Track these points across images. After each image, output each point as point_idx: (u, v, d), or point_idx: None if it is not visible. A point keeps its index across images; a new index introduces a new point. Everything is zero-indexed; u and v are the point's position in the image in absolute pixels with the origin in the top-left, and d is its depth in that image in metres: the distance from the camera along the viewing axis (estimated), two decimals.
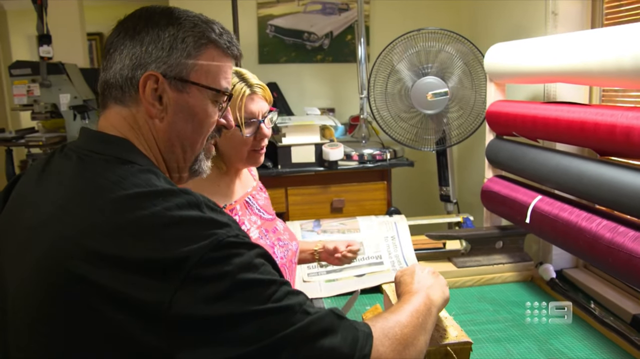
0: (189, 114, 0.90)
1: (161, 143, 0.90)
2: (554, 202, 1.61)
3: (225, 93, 0.93)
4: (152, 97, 0.86)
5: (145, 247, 0.71)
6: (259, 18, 3.04)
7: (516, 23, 2.37)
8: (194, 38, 0.88)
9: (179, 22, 0.88)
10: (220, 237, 0.73)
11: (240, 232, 0.78)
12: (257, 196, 1.52)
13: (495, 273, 1.97)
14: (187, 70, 0.88)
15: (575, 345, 1.49)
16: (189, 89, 0.88)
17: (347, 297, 1.88)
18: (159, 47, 0.86)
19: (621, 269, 1.27)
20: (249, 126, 1.37)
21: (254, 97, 1.38)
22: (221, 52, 0.92)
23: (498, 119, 1.97)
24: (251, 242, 0.78)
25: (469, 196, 2.87)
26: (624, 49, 1.25)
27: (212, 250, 0.72)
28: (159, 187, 0.78)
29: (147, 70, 0.85)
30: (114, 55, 0.88)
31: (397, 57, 2.32)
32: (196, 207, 0.76)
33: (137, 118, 0.88)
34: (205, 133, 0.94)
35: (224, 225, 0.76)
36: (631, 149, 1.26)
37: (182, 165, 0.94)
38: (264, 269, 0.77)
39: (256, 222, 1.45)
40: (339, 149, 2.36)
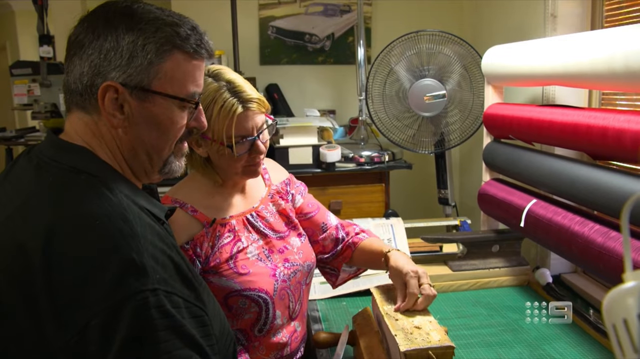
0: (153, 123, 0.86)
1: (125, 151, 0.87)
2: (548, 206, 1.59)
3: (191, 101, 0.89)
4: (113, 107, 0.83)
5: (64, 277, 0.71)
6: (261, 19, 3.04)
7: (515, 25, 2.35)
8: (156, 45, 0.83)
9: (139, 28, 0.82)
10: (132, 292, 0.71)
11: (161, 286, 0.74)
12: (265, 211, 1.38)
13: (491, 277, 1.96)
14: (149, 79, 0.83)
15: (568, 351, 1.47)
16: (152, 98, 0.84)
17: (340, 300, 1.87)
18: (118, 54, 0.81)
19: (612, 274, 1.26)
20: (241, 145, 1.24)
21: (247, 113, 1.23)
22: (188, 57, 0.86)
23: (495, 122, 1.96)
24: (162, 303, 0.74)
25: (469, 199, 2.85)
26: (615, 51, 1.23)
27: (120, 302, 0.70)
28: (101, 210, 0.76)
29: (106, 79, 0.81)
30: (74, 59, 0.84)
31: (395, 58, 2.31)
32: (131, 239, 0.74)
33: (99, 126, 0.85)
34: (173, 139, 0.90)
35: (143, 275, 0.73)
36: (623, 153, 1.25)
37: (150, 170, 0.91)
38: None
39: (257, 241, 1.33)
40: (336, 150, 2.36)
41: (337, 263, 1.52)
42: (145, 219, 0.81)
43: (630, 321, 0.47)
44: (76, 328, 0.69)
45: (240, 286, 1.24)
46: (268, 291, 1.26)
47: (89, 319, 0.69)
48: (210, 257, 1.25)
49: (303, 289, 1.39)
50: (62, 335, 0.69)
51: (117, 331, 0.69)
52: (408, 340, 1.06)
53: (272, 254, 1.33)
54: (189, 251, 1.22)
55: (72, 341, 0.69)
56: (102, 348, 0.69)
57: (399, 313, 1.19)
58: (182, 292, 0.77)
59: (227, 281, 1.24)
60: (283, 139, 2.39)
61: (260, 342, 1.30)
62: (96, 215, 0.75)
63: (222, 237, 1.27)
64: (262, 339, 1.30)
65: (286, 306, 1.32)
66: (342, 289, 1.89)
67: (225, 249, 1.26)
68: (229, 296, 1.24)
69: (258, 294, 1.25)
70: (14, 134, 2.69)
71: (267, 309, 1.27)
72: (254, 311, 1.26)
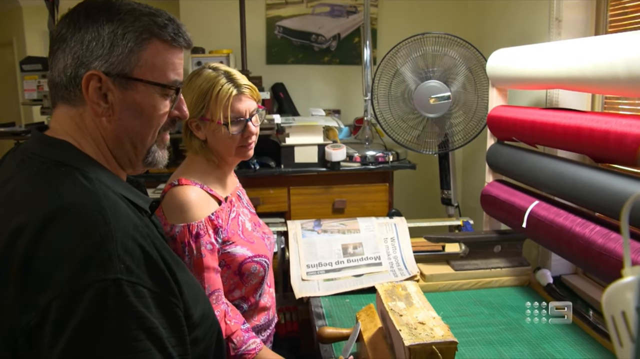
0: (136, 110, 0.89)
1: (109, 141, 0.90)
2: (550, 208, 1.62)
3: (173, 87, 0.92)
4: (96, 96, 0.86)
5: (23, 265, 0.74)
6: (268, 19, 3.06)
7: (520, 29, 2.37)
8: (135, 33, 0.86)
9: (118, 18, 0.86)
10: (89, 281, 0.73)
11: (124, 276, 0.76)
12: (242, 193, 1.63)
13: (493, 277, 1.98)
14: (130, 67, 0.86)
15: (568, 350, 1.50)
16: (134, 85, 0.88)
17: (344, 297, 1.90)
18: (99, 44, 0.85)
19: (612, 275, 1.28)
20: (235, 125, 1.43)
21: (241, 97, 1.43)
22: (166, 45, 0.90)
23: (499, 124, 1.98)
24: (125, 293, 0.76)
25: (471, 200, 2.88)
26: (617, 56, 1.26)
27: (76, 291, 0.72)
28: (74, 200, 0.78)
29: (89, 69, 0.85)
30: (57, 53, 0.87)
31: (401, 60, 2.34)
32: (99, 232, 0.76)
33: (84, 117, 0.88)
34: (156, 127, 0.93)
35: (106, 264, 0.75)
36: (624, 156, 1.27)
37: (134, 159, 0.94)
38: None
39: (247, 214, 1.56)
40: (341, 150, 2.38)
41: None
42: (123, 207, 0.84)
43: (628, 314, 0.50)
44: (37, 309, 0.72)
45: (252, 253, 1.45)
46: (267, 256, 1.49)
47: (49, 301, 0.71)
48: (228, 229, 1.43)
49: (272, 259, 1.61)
50: (24, 317, 0.72)
51: (72, 316, 0.71)
52: (412, 335, 1.08)
53: (256, 226, 1.56)
54: (214, 221, 1.39)
55: (32, 323, 0.72)
56: (55, 331, 0.71)
57: (404, 309, 1.22)
58: (149, 283, 0.78)
59: (242, 249, 1.44)
60: (289, 138, 2.41)
61: (255, 307, 1.52)
62: (70, 203, 0.78)
63: (231, 211, 1.47)
64: (257, 304, 1.52)
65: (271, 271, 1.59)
66: (345, 287, 1.92)
67: (234, 222, 1.47)
68: (244, 263, 1.44)
69: (264, 260, 1.48)
70: (23, 128, 2.71)
71: (266, 273, 1.51)
72: (261, 276, 1.48)
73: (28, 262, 0.74)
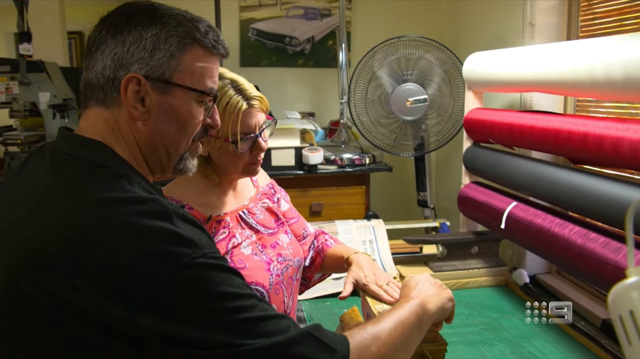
0: (173, 116, 0.88)
1: (143, 145, 0.89)
2: (528, 209, 1.65)
3: (210, 94, 0.91)
4: (134, 99, 0.84)
5: (105, 262, 0.71)
6: (241, 21, 3.05)
7: (494, 33, 2.41)
8: (178, 38, 0.85)
9: (162, 21, 0.85)
10: (187, 259, 0.73)
11: (209, 250, 0.77)
12: (255, 209, 1.40)
13: (471, 278, 2.01)
14: (170, 71, 0.85)
15: (547, 348, 1.53)
16: (173, 90, 0.86)
17: (324, 300, 1.90)
18: (141, 47, 0.83)
19: (592, 275, 1.31)
20: (245, 141, 1.27)
21: (251, 110, 1.26)
22: (206, 52, 0.89)
23: (475, 127, 2.01)
24: (221, 264, 0.77)
25: (446, 201, 2.91)
26: (597, 61, 1.29)
27: (178, 271, 0.72)
28: (127, 194, 0.77)
29: (129, 71, 0.83)
30: (95, 55, 0.85)
31: (377, 63, 2.35)
32: (165, 218, 0.75)
33: (118, 120, 0.86)
34: (190, 134, 0.92)
35: (191, 244, 0.75)
36: (603, 158, 1.30)
37: (166, 165, 0.93)
38: (236, 291, 0.77)
39: (250, 237, 1.34)
40: (318, 153, 2.38)
41: (310, 273, 1.56)
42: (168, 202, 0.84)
43: (637, 313, 0.51)
44: (139, 301, 0.70)
45: None
46: (264, 285, 1.28)
47: (151, 293, 0.70)
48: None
49: (294, 285, 1.41)
50: (124, 311, 0.69)
51: (186, 289, 0.72)
52: None
53: (265, 249, 1.35)
54: None
55: (132, 318, 0.69)
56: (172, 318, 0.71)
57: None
58: (221, 258, 0.80)
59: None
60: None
61: None
62: (127, 198, 0.76)
63: (218, 234, 1.29)
64: None
65: (281, 301, 1.34)
66: (325, 290, 1.91)
67: (220, 245, 1.27)
68: None
69: (255, 288, 1.27)
70: None
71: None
72: None
73: (98, 266, 0.71)
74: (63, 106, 2.58)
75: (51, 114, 2.58)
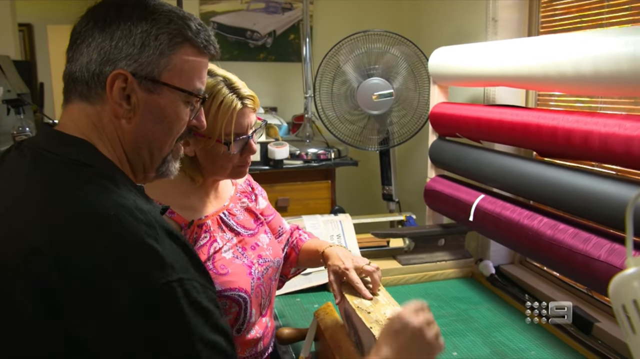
0: (159, 115, 0.85)
1: (127, 144, 0.85)
2: (496, 201, 1.68)
3: (198, 95, 0.88)
4: (120, 96, 0.81)
5: (75, 273, 0.68)
6: (201, 14, 2.99)
7: (457, 28, 2.44)
8: (169, 36, 0.82)
9: (153, 17, 0.82)
10: (160, 282, 0.70)
11: (185, 275, 0.73)
12: (235, 209, 1.36)
13: (438, 270, 2.04)
14: (159, 69, 0.82)
15: (517, 337, 1.57)
16: (160, 89, 0.83)
17: (294, 296, 1.89)
18: (130, 43, 0.80)
19: (563, 265, 1.34)
20: (236, 143, 1.21)
21: (245, 111, 1.22)
22: (197, 52, 0.86)
23: (442, 121, 2.03)
24: (194, 297, 0.73)
25: (408, 195, 2.94)
26: (566, 56, 1.32)
27: (147, 293, 0.69)
28: (111, 201, 0.74)
29: (116, 67, 0.80)
30: (81, 47, 0.82)
31: (343, 57, 2.35)
32: (148, 234, 0.73)
33: (101, 117, 0.83)
34: (175, 135, 0.89)
35: (168, 266, 0.71)
36: (572, 151, 1.34)
37: (149, 166, 0.90)
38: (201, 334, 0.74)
39: (231, 240, 1.30)
40: (284, 148, 2.37)
41: (286, 269, 1.54)
42: (153, 209, 0.81)
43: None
44: (105, 319, 0.67)
45: (220, 287, 1.21)
46: (247, 290, 1.25)
47: (118, 311, 0.68)
48: None
49: (272, 285, 1.40)
50: (91, 327, 0.67)
51: (151, 323, 0.69)
52: None
53: (246, 251, 1.32)
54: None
55: (99, 334, 0.67)
56: (130, 340, 0.68)
57: (370, 306, 1.22)
58: (199, 277, 0.77)
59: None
60: None
61: (236, 341, 1.28)
62: (111, 206, 0.73)
63: (200, 239, 1.24)
64: (238, 338, 1.28)
65: (259, 303, 1.31)
66: (295, 286, 1.90)
67: (202, 250, 1.23)
68: None
69: (238, 294, 1.23)
70: None
71: (246, 309, 1.25)
72: (234, 312, 1.24)
73: (75, 275, 0.68)
74: (18, 101, 2.47)
75: (5, 109, 2.47)
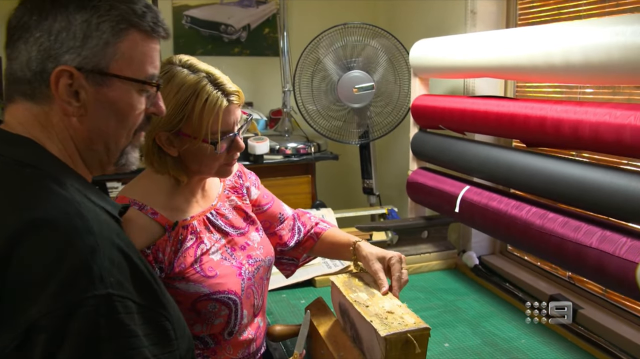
0: (112, 109, 0.80)
1: (79, 142, 0.80)
2: (482, 192, 1.68)
3: (152, 83, 0.83)
4: (67, 94, 0.76)
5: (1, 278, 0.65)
6: (174, 8, 2.93)
7: (436, 20, 2.45)
8: (112, 23, 0.76)
9: (92, 5, 0.75)
10: (82, 295, 0.65)
11: (117, 292, 0.68)
12: (223, 208, 1.31)
13: (422, 262, 2.04)
14: (106, 61, 0.77)
15: (505, 326, 1.58)
16: (110, 81, 0.78)
17: (280, 292, 1.87)
18: (70, 35, 0.74)
19: (554, 254, 1.35)
20: (223, 141, 1.16)
21: (230, 107, 1.15)
22: (145, 36, 0.80)
23: (424, 113, 2.03)
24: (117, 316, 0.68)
25: (388, 188, 2.94)
26: (554, 46, 1.33)
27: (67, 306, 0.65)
28: (46, 206, 0.70)
29: (58, 63, 0.74)
30: (18, 44, 0.76)
31: (323, 50, 2.33)
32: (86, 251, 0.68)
33: (49, 116, 0.78)
34: (131, 127, 0.84)
35: (95, 278, 0.67)
36: (561, 140, 1.35)
37: (106, 161, 0.85)
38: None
39: (219, 240, 1.26)
40: (264, 142, 2.34)
41: (298, 253, 1.51)
42: (101, 215, 0.76)
43: None
44: (19, 330, 0.64)
45: (209, 290, 1.18)
46: (237, 292, 1.22)
47: (33, 321, 0.64)
48: (175, 262, 1.17)
49: (265, 284, 1.37)
50: (6, 337, 0.64)
51: (63, 338, 0.64)
52: (385, 325, 1.08)
53: (235, 252, 1.28)
54: (149, 256, 1.13)
55: (14, 344, 0.64)
56: (46, 352, 0.64)
57: (368, 300, 1.21)
58: (137, 296, 0.72)
59: (195, 286, 1.17)
60: None
61: (228, 343, 1.26)
62: (48, 212, 0.69)
63: (185, 240, 1.19)
64: (230, 340, 1.26)
65: (251, 304, 1.28)
66: (279, 283, 1.88)
67: (189, 252, 1.19)
68: (197, 301, 1.18)
69: (228, 296, 1.20)
70: None
71: (237, 311, 1.22)
72: (224, 315, 1.21)
73: (7, 279, 0.64)
74: None
75: None
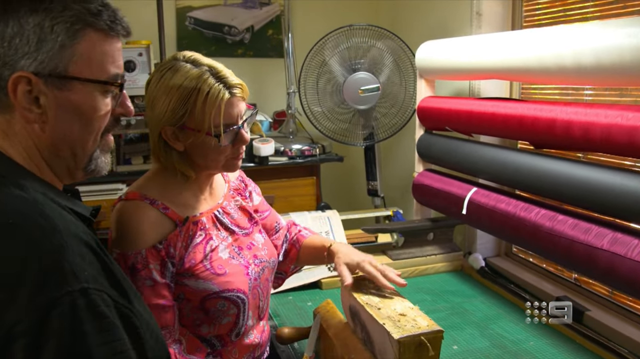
0: (75, 113, 0.78)
1: (44, 150, 0.79)
2: (490, 194, 1.68)
3: (115, 82, 0.82)
4: (27, 100, 0.75)
5: None
6: (178, 9, 2.92)
7: (441, 22, 2.44)
8: (66, 24, 0.75)
9: (44, 7, 0.74)
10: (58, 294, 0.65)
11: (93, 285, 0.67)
12: (229, 207, 1.32)
13: (428, 264, 2.04)
14: (63, 64, 0.75)
15: (513, 328, 1.58)
16: (70, 85, 0.77)
17: (286, 294, 1.87)
18: (24, 40, 0.73)
19: (563, 256, 1.35)
20: (227, 134, 1.16)
21: (233, 100, 1.16)
22: (102, 35, 0.79)
23: (430, 114, 2.03)
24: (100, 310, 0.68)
25: (392, 190, 2.94)
26: (565, 48, 1.33)
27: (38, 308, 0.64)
28: (7, 218, 0.69)
29: (15, 70, 0.73)
30: None
31: (328, 52, 2.32)
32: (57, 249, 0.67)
33: (11, 124, 0.76)
34: (98, 130, 0.83)
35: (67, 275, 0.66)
36: (571, 142, 1.34)
37: (74, 168, 0.84)
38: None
39: (226, 239, 1.26)
40: (270, 144, 2.34)
41: (286, 266, 1.52)
42: (67, 215, 0.75)
43: None
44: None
45: (218, 288, 1.18)
46: (244, 291, 1.22)
47: (10, 326, 0.63)
48: (185, 258, 1.17)
49: (269, 286, 1.37)
50: None
51: (45, 340, 0.63)
52: (398, 328, 1.07)
53: (242, 251, 1.28)
54: (161, 251, 1.13)
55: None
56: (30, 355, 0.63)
57: (379, 302, 1.21)
58: (111, 291, 0.71)
59: (205, 283, 1.17)
60: None
61: (234, 345, 1.26)
62: (8, 213, 0.68)
63: (195, 236, 1.20)
64: (236, 342, 1.26)
65: (257, 305, 1.28)
66: (286, 284, 1.87)
67: (198, 249, 1.19)
68: (206, 299, 1.18)
69: (237, 295, 1.20)
70: None
71: (245, 311, 1.23)
72: (233, 314, 1.21)
73: None
74: None
75: None
